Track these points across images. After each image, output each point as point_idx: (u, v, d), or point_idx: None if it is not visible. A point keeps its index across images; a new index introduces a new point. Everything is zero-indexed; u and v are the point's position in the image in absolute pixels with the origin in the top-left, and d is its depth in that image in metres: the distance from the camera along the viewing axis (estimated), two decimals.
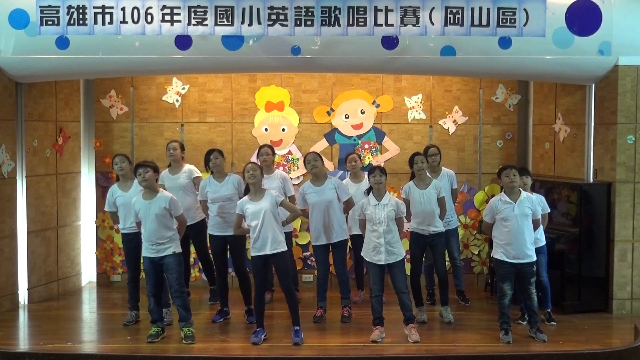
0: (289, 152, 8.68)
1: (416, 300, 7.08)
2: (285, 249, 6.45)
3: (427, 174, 7.20)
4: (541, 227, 6.74)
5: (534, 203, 6.47)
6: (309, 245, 8.53)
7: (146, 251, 6.46)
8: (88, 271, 8.88)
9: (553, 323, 7.01)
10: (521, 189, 6.50)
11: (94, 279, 8.86)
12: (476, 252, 8.72)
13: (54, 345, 6.35)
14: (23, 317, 7.49)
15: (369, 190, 6.58)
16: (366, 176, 7.16)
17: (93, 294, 8.47)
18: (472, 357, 6.21)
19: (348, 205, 7.17)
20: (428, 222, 6.95)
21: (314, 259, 8.44)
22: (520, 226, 6.36)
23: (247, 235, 6.73)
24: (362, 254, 6.65)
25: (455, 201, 7.96)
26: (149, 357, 6.12)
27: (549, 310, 7.06)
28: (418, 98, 8.73)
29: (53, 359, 6.11)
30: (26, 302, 7.82)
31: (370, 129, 8.71)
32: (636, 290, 7.48)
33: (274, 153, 7.69)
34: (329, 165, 8.64)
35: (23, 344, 6.71)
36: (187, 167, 7.53)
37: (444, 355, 6.21)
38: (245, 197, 6.48)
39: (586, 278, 7.51)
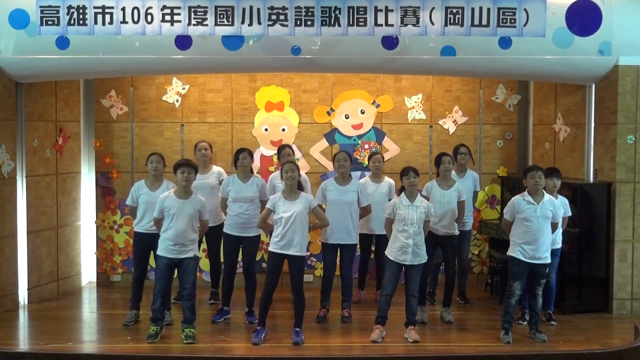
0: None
1: (419, 298, 7.07)
2: (305, 254, 6.48)
3: (453, 173, 7.22)
4: (559, 230, 6.74)
5: (556, 206, 6.49)
6: (308, 245, 8.54)
7: (166, 251, 6.39)
8: (88, 271, 8.88)
9: (553, 323, 7.01)
10: (544, 192, 6.51)
11: (94, 279, 8.86)
12: (476, 252, 8.72)
13: (54, 345, 6.35)
14: (23, 317, 7.49)
15: (400, 191, 6.60)
16: (386, 178, 7.21)
17: (93, 294, 8.47)
18: (472, 357, 6.21)
19: (365, 211, 7.19)
20: (443, 223, 6.97)
21: (314, 259, 8.46)
22: (541, 227, 6.37)
23: (266, 231, 6.71)
24: (386, 252, 6.63)
25: (475, 203, 7.98)
26: (149, 357, 6.12)
27: (550, 311, 7.06)
28: (418, 98, 8.73)
29: (53, 359, 6.10)
30: (26, 302, 7.82)
31: (370, 129, 8.71)
32: (636, 290, 7.48)
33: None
34: (329, 165, 8.64)
35: (23, 344, 6.71)
36: (216, 168, 7.57)
37: (444, 355, 6.22)
38: (279, 194, 6.47)
39: (586, 278, 7.51)
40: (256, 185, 7.03)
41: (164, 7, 7.18)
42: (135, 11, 7.18)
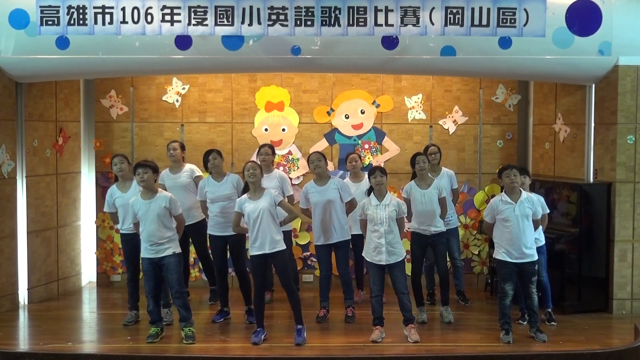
0: (289, 152, 8.68)
1: (417, 300, 7.08)
2: (284, 247, 6.45)
3: (429, 174, 7.20)
4: (540, 227, 6.74)
5: (534, 203, 6.47)
6: (309, 245, 8.55)
7: (145, 252, 6.45)
8: (88, 271, 8.89)
9: (553, 323, 7.01)
10: (522, 189, 6.51)
11: (94, 279, 8.86)
12: (476, 252, 8.72)
13: (54, 345, 6.35)
14: (23, 317, 7.49)
15: (369, 191, 6.59)
16: (366, 176, 7.17)
17: (93, 294, 8.47)
18: (472, 357, 6.21)
19: (351, 206, 7.17)
20: (429, 222, 6.95)
21: (314, 259, 8.46)
22: (521, 226, 6.36)
23: (246, 234, 6.73)
24: (362, 254, 6.66)
25: (455, 201, 7.96)
26: (149, 357, 6.12)
27: (550, 310, 7.06)
28: (418, 98, 8.73)
29: (53, 359, 6.11)
30: (26, 302, 7.82)
31: (370, 129, 8.71)
32: (636, 290, 7.47)
33: (274, 153, 7.69)
34: (329, 165, 8.63)
35: (23, 344, 6.71)
36: (189, 166, 7.54)
37: (444, 355, 6.21)
38: (244, 196, 6.48)
39: (586, 278, 7.51)
40: (230, 183, 7.03)
41: (164, 7, 7.18)
42: (135, 11, 7.18)
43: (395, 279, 6.48)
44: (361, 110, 8.70)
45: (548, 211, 6.92)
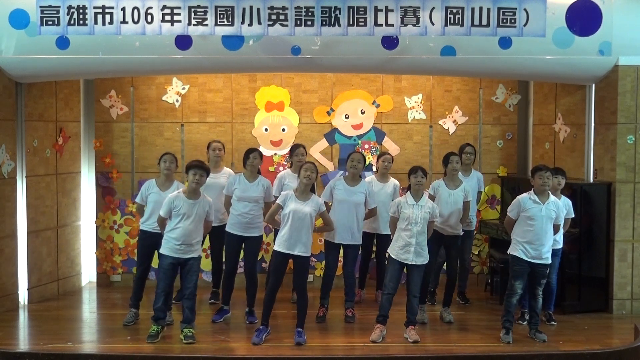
0: (289, 152, 8.66)
1: (420, 298, 7.07)
2: (309, 254, 6.49)
3: (460, 174, 7.24)
4: (561, 231, 6.74)
5: (559, 208, 6.51)
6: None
7: (172, 251, 6.38)
8: (88, 271, 8.88)
9: (553, 323, 7.02)
10: (550, 192, 6.51)
11: (94, 279, 8.86)
12: (476, 252, 8.72)
13: (54, 345, 6.35)
14: (23, 317, 7.49)
15: (407, 189, 6.60)
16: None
17: (93, 294, 8.47)
18: (472, 357, 6.21)
19: (371, 213, 7.21)
20: (449, 223, 6.97)
21: (314, 259, 8.46)
22: (544, 227, 6.39)
23: (273, 228, 6.72)
24: (388, 250, 6.65)
25: (479, 203, 8.01)
26: (149, 357, 6.12)
27: (550, 311, 7.06)
28: (418, 98, 8.73)
29: (53, 359, 6.10)
30: (26, 302, 7.82)
31: (370, 129, 8.71)
32: (636, 290, 7.48)
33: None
34: (329, 165, 8.64)
35: (23, 344, 6.71)
36: (227, 169, 7.58)
37: (444, 355, 6.21)
38: (291, 192, 6.48)
39: (586, 278, 7.51)
40: (262, 186, 7.01)
41: (164, 7, 7.18)
42: (135, 11, 7.18)
43: (411, 281, 6.50)
44: (361, 110, 8.70)
45: (573, 216, 6.93)
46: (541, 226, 6.38)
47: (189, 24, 7.20)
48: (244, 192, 6.96)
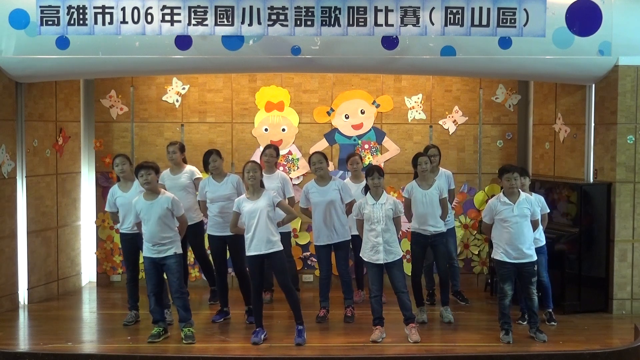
0: (289, 152, 8.68)
1: (417, 301, 7.08)
2: (281, 248, 6.45)
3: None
4: (540, 227, 6.74)
5: (533, 204, 6.48)
6: (309, 246, 8.55)
7: (147, 252, 6.46)
8: (88, 271, 8.88)
9: (553, 323, 7.01)
10: (520, 190, 6.51)
11: (94, 279, 8.86)
12: (476, 252, 8.71)
13: (54, 345, 6.35)
14: (23, 317, 7.49)
15: (366, 190, 6.60)
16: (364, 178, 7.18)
17: (93, 294, 8.47)
18: (472, 357, 6.21)
19: (350, 206, 7.18)
20: (430, 223, 6.95)
21: (314, 259, 8.46)
22: (520, 227, 6.37)
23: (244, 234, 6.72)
24: (360, 254, 6.67)
25: (452, 201, 7.97)
26: (149, 357, 6.12)
27: (550, 310, 7.06)
28: (418, 98, 8.73)
29: (53, 359, 6.10)
30: (26, 302, 7.82)
31: (370, 129, 8.71)
32: (636, 290, 7.48)
33: (278, 155, 7.70)
34: (329, 165, 8.62)
35: (23, 344, 6.71)
36: (189, 167, 7.54)
37: (444, 355, 6.22)
38: (243, 196, 6.51)
39: (586, 278, 7.51)
40: (231, 184, 7.03)
41: (164, 7, 7.18)
42: (135, 11, 7.18)
43: (394, 278, 6.48)
44: (361, 110, 8.70)
45: (548, 211, 6.92)
46: (516, 226, 6.36)
47: (189, 24, 7.20)
48: (214, 192, 7.00)
